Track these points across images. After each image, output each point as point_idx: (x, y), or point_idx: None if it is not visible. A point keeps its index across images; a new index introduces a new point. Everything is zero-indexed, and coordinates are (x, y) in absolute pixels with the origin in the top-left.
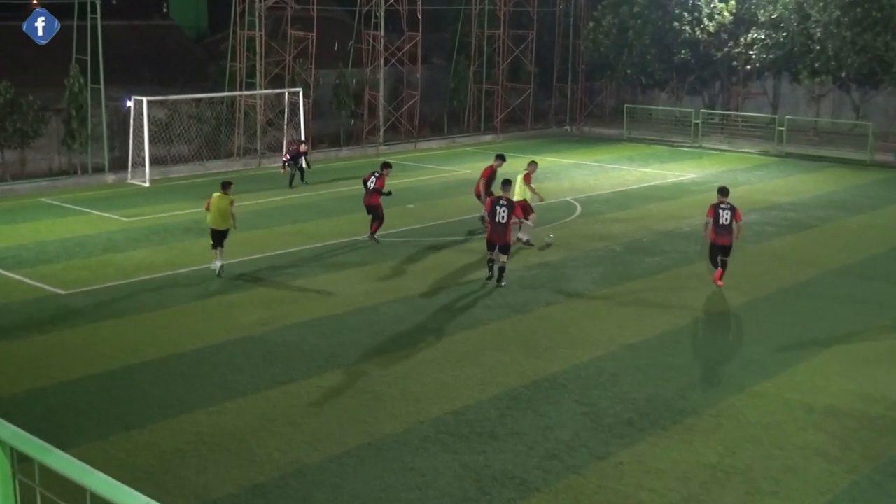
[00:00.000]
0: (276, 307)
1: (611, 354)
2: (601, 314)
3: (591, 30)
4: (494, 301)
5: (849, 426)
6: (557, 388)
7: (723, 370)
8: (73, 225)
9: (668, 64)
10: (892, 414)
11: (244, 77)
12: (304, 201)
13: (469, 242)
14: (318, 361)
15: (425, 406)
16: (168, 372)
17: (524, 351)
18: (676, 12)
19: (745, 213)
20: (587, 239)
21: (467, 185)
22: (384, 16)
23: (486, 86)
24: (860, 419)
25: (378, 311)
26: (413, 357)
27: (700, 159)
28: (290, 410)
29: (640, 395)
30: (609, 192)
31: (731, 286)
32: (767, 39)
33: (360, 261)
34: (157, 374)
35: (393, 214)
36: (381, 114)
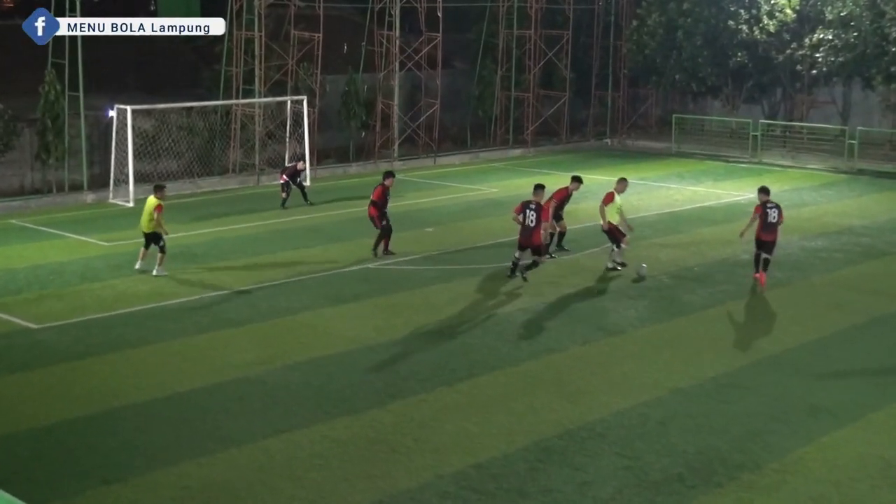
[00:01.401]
0: (275, 344)
1: (657, 400)
2: (646, 354)
3: (635, 30)
4: (524, 339)
5: None
6: (596, 439)
7: (787, 419)
8: (46, 250)
9: (723, 68)
10: None
11: (241, 83)
12: (308, 224)
13: (496, 271)
14: (323, 406)
15: (445, 458)
16: (153, 417)
17: (558, 395)
18: (732, 9)
19: (811, 238)
20: (629, 268)
21: (493, 206)
22: (399, 14)
23: (515, 93)
24: None
25: (391, 348)
26: (431, 402)
27: (759, 177)
28: (291, 462)
29: (690, 447)
30: (655, 213)
31: (796, 321)
32: (836, 40)
33: (370, 291)
34: (140, 419)
35: (409, 239)
36: (396, 125)
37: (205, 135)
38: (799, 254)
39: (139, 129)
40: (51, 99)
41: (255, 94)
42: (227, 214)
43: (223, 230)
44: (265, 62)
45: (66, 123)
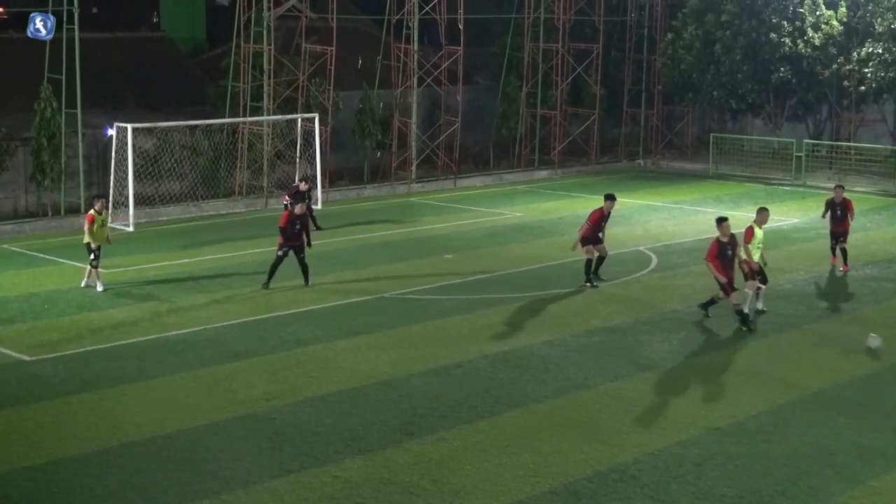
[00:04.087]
0: (283, 379)
1: (693, 440)
2: (681, 390)
3: (670, 43)
4: (550, 374)
5: None
6: (628, 481)
7: (834, 460)
8: (41, 277)
9: (764, 84)
10: None
11: (249, 100)
12: (319, 250)
13: (520, 302)
14: (334, 445)
15: (465, 501)
16: (153, 457)
17: (586, 435)
18: (774, 21)
19: (860, 266)
20: (664, 298)
21: (517, 231)
22: (418, 26)
23: (541, 111)
24: None
25: (408, 384)
26: (450, 441)
27: (803, 200)
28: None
29: (730, 490)
30: (692, 240)
31: (843, 356)
32: (886, 54)
33: (385, 323)
34: (139, 459)
35: (428, 266)
36: (414, 144)
37: (209, 155)
38: (847, 284)
39: (140, 149)
40: (46, 116)
41: (263, 112)
42: (233, 240)
43: (228, 256)
44: (274, 77)
45: (63, 142)
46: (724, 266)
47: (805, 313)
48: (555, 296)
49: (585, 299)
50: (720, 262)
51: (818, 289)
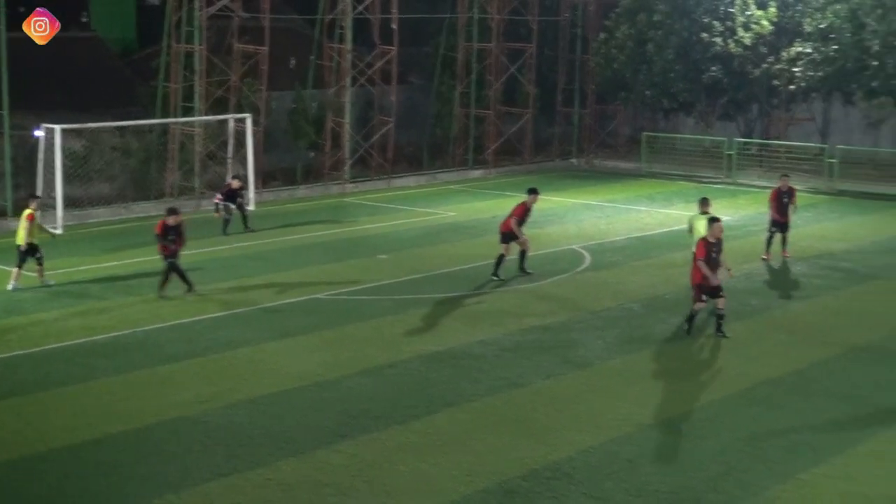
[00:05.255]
0: (216, 381)
1: (627, 437)
2: (615, 388)
3: (603, 43)
4: (485, 373)
5: None
6: (562, 479)
7: (764, 455)
8: None
9: (696, 83)
10: None
11: (180, 100)
12: (251, 252)
13: (454, 301)
14: (267, 448)
15: (399, 501)
16: (82, 462)
17: (521, 433)
18: (705, 21)
19: (790, 263)
20: (598, 296)
21: (451, 231)
22: (352, 26)
23: (475, 110)
24: None
25: (341, 385)
26: (384, 442)
27: (734, 198)
28: None
29: (663, 486)
30: (625, 238)
31: (773, 352)
32: (815, 54)
33: (318, 324)
34: (68, 465)
35: (361, 267)
36: (348, 144)
37: (140, 156)
38: (776, 280)
39: (69, 150)
40: None
41: (194, 112)
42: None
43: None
44: (206, 78)
45: None
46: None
47: (736, 310)
48: (489, 295)
49: (519, 298)
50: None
51: (749, 287)
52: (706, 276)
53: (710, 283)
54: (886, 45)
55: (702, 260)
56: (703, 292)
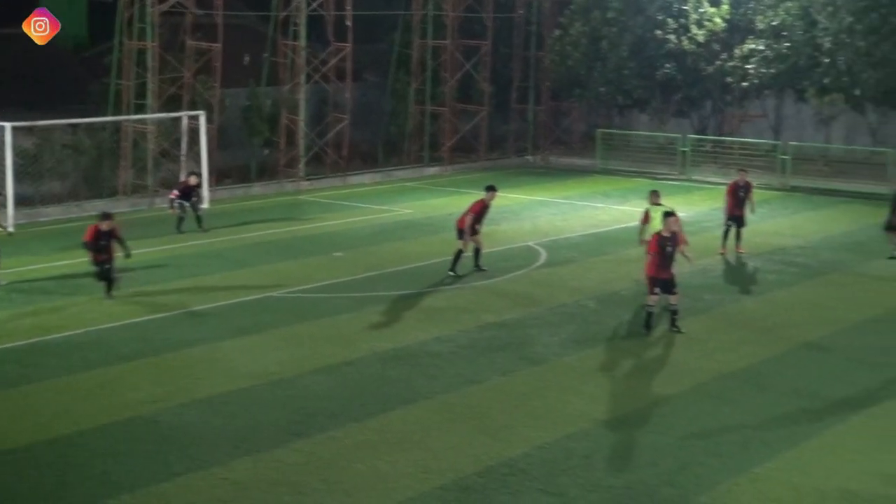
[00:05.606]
0: (170, 381)
1: (582, 433)
2: (570, 384)
3: (557, 40)
4: (441, 370)
5: None
6: (517, 475)
7: (718, 450)
8: None
9: (650, 80)
10: None
11: (133, 98)
12: (205, 250)
13: (410, 298)
14: (223, 447)
15: (355, 500)
16: (34, 462)
17: (477, 430)
18: (659, 18)
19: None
20: (553, 292)
21: (407, 228)
22: (306, 23)
23: (430, 108)
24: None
25: (297, 384)
26: (340, 440)
27: (689, 194)
28: None
29: (617, 481)
30: (580, 234)
31: (727, 347)
32: (767, 51)
33: (274, 322)
34: (19, 466)
35: (317, 265)
36: (302, 142)
37: (92, 154)
38: (730, 276)
39: (19, 148)
40: None
41: (147, 110)
42: None
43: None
44: (159, 75)
45: None
46: (662, 263)
47: (690, 306)
48: (445, 292)
49: (475, 295)
50: (659, 259)
51: (703, 282)
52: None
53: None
54: (838, 43)
55: (652, 254)
56: (656, 285)
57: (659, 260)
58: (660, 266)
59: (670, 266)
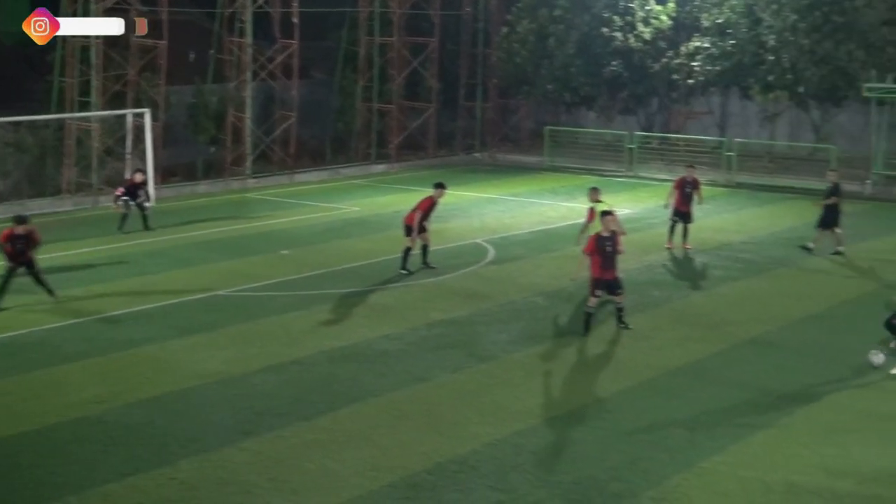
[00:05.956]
0: (116, 381)
1: (531, 429)
2: (519, 381)
3: (505, 37)
4: (389, 368)
5: None
6: (467, 472)
7: (666, 444)
8: None
9: (597, 78)
10: (862, 490)
11: (76, 95)
12: (151, 248)
13: (358, 296)
14: (170, 447)
15: (304, 498)
16: None
17: (426, 427)
18: (605, 16)
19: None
20: (502, 289)
21: (355, 226)
22: (252, 20)
23: (378, 105)
24: (827, 498)
25: (244, 382)
26: (288, 439)
27: (635, 191)
28: None
29: (567, 477)
30: (528, 231)
31: (674, 342)
32: (713, 48)
33: (221, 321)
34: None
35: (264, 263)
36: (249, 139)
37: (35, 152)
38: (677, 272)
39: None
40: None
41: (91, 107)
42: (61, 240)
43: (56, 257)
44: (103, 72)
45: None
46: (604, 263)
47: (637, 302)
48: (393, 290)
49: (423, 292)
50: (600, 259)
51: (650, 278)
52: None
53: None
54: (782, 40)
55: (590, 255)
56: (600, 287)
57: (601, 260)
58: (603, 267)
59: (614, 266)
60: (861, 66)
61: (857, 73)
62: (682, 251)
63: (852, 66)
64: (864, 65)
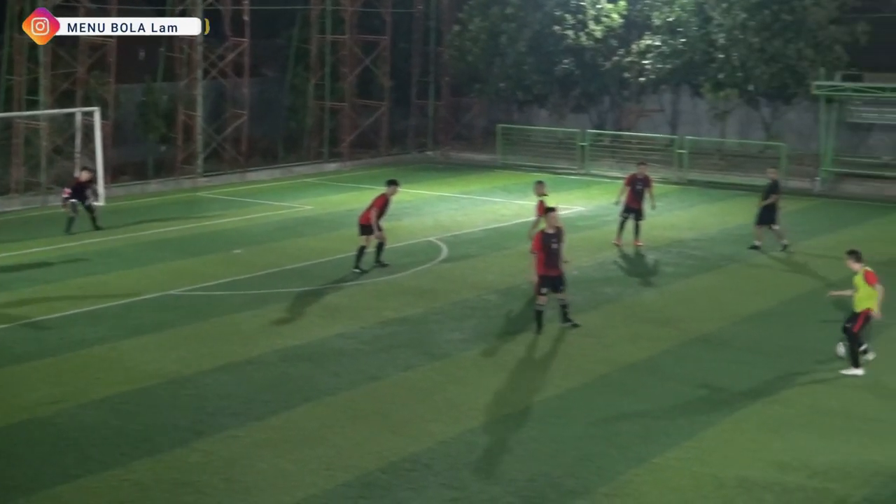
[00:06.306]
0: (67, 381)
1: (485, 427)
2: (472, 379)
3: (457, 35)
4: (343, 366)
5: (765, 501)
6: (421, 470)
7: (619, 441)
8: None
9: (549, 76)
10: (812, 484)
11: (24, 94)
12: (102, 248)
13: (311, 295)
14: (122, 448)
15: (258, 499)
16: None
17: (380, 426)
18: (557, 14)
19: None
20: (455, 287)
21: (307, 224)
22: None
23: (329, 103)
24: (777, 492)
25: (197, 382)
26: (242, 439)
27: (588, 188)
28: None
29: (520, 474)
30: (481, 229)
31: (627, 339)
32: (664, 46)
33: (173, 321)
34: None
35: (216, 262)
36: (200, 138)
37: None
38: (629, 269)
39: None
40: None
41: (40, 106)
42: (10, 240)
43: (4, 257)
44: (52, 70)
45: None
46: (550, 261)
47: (590, 299)
48: (347, 289)
49: (376, 291)
50: (545, 257)
51: (602, 275)
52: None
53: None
54: (731, 39)
55: (537, 253)
56: (545, 284)
57: (546, 258)
58: (547, 264)
59: (558, 263)
60: (810, 65)
61: (806, 71)
62: (633, 248)
63: (801, 64)
64: (813, 63)
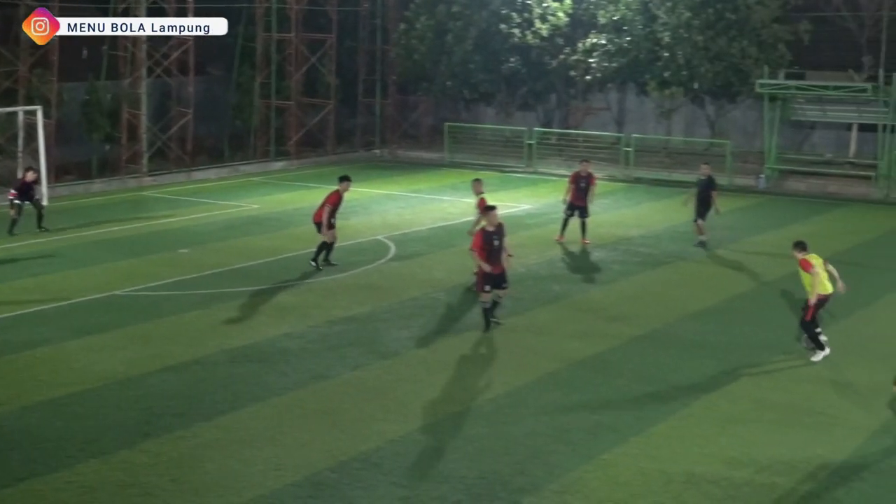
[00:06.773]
0: (10, 383)
1: (434, 425)
2: (421, 377)
3: (403, 33)
4: (291, 366)
5: (713, 496)
6: (370, 469)
7: (568, 437)
8: None
9: (495, 74)
10: (760, 479)
11: None
12: (45, 249)
13: (259, 294)
14: (67, 450)
15: (206, 499)
16: None
17: (329, 425)
18: (503, 13)
19: (588, 250)
20: (403, 285)
21: (254, 223)
22: (146, 15)
23: (276, 101)
24: (725, 487)
25: (144, 383)
26: (189, 439)
27: (535, 186)
28: None
29: (470, 472)
30: (429, 228)
31: (575, 336)
32: (609, 45)
33: (119, 321)
34: None
35: (162, 262)
36: (145, 137)
37: None
38: (577, 266)
39: None
40: None
41: None
42: None
43: None
44: None
45: None
46: (490, 258)
47: (539, 296)
48: (294, 288)
49: (324, 289)
50: (485, 254)
51: (550, 273)
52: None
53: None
54: (676, 37)
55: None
56: (487, 282)
57: (488, 255)
58: (490, 261)
59: (500, 260)
60: (754, 63)
61: (750, 69)
62: (581, 247)
63: (745, 62)
64: (757, 61)
